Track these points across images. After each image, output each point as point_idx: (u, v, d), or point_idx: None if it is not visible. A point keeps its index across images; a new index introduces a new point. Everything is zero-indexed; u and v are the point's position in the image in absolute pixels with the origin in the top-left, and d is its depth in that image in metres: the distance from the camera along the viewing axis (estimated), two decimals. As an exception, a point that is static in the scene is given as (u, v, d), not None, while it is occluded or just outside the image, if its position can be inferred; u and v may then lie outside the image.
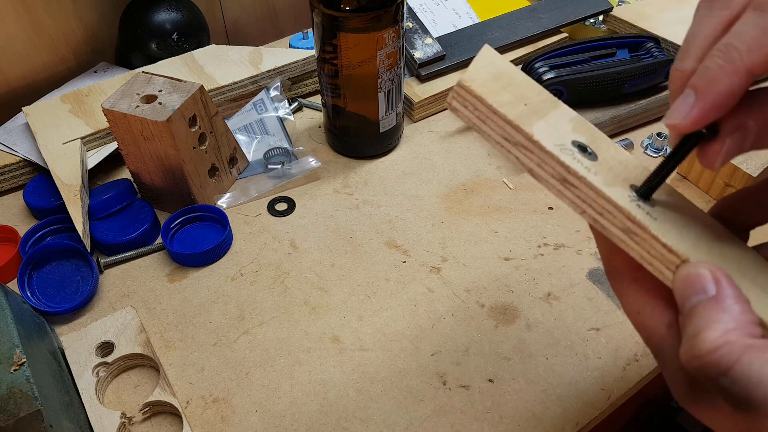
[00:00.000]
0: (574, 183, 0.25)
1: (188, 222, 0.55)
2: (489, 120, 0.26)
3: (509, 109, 0.26)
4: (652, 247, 0.25)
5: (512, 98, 0.27)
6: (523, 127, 0.25)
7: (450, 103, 0.26)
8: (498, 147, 0.26)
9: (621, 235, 0.25)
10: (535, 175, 0.26)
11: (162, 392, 0.42)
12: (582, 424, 0.41)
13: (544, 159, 0.25)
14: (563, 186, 0.26)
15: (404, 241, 0.53)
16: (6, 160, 0.58)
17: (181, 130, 0.50)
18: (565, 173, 0.25)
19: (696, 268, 0.23)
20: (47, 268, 0.50)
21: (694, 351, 0.21)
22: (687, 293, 0.23)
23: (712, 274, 0.23)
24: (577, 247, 0.53)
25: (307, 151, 0.62)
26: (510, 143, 0.26)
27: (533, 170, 0.26)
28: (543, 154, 0.25)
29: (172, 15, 0.68)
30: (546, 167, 0.26)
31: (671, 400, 0.81)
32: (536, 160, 0.26)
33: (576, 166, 0.25)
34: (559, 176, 0.25)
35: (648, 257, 0.25)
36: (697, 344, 0.21)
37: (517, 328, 0.46)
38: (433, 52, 0.67)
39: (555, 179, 0.26)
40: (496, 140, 0.26)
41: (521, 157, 0.26)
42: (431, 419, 0.41)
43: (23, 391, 0.34)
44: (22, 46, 0.66)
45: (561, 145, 0.26)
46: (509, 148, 0.26)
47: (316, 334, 0.47)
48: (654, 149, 0.61)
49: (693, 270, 0.23)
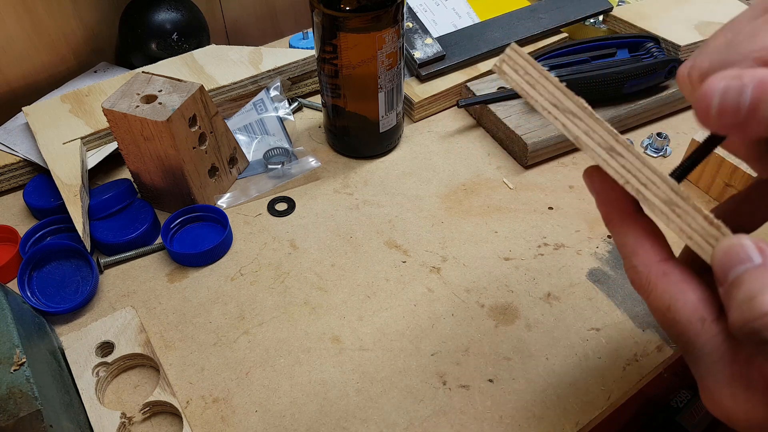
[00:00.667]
0: (621, 152, 0.26)
1: (188, 222, 0.55)
2: (539, 85, 0.26)
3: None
4: (694, 219, 0.25)
5: None
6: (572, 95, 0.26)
7: (499, 67, 0.26)
8: (545, 113, 0.26)
9: (663, 207, 0.25)
10: (581, 144, 0.26)
11: (162, 392, 0.42)
12: (582, 424, 0.41)
13: (593, 127, 0.26)
14: (610, 155, 0.26)
15: (404, 241, 0.53)
16: (6, 160, 0.58)
17: (181, 130, 0.50)
18: (614, 142, 0.26)
19: (739, 238, 0.23)
20: (47, 268, 0.50)
21: (750, 314, 0.21)
22: (731, 263, 0.23)
23: (756, 244, 0.23)
24: (577, 247, 0.53)
25: (307, 151, 0.62)
26: (559, 110, 0.26)
27: (580, 138, 0.26)
28: (593, 122, 0.26)
29: (172, 15, 0.68)
30: (594, 135, 0.26)
31: (671, 400, 0.81)
32: (584, 127, 0.26)
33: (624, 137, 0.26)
34: (606, 145, 0.26)
35: (689, 230, 0.25)
36: (754, 307, 0.21)
37: (517, 328, 0.46)
38: (433, 52, 0.67)
39: (602, 147, 0.26)
40: (544, 106, 0.26)
41: (569, 125, 0.26)
42: (431, 419, 0.41)
43: (23, 391, 0.34)
44: (22, 46, 0.66)
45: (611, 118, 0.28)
46: (557, 115, 0.26)
47: (316, 334, 0.47)
48: (654, 149, 0.61)
49: (736, 240, 0.23)
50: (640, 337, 0.46)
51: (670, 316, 0.25)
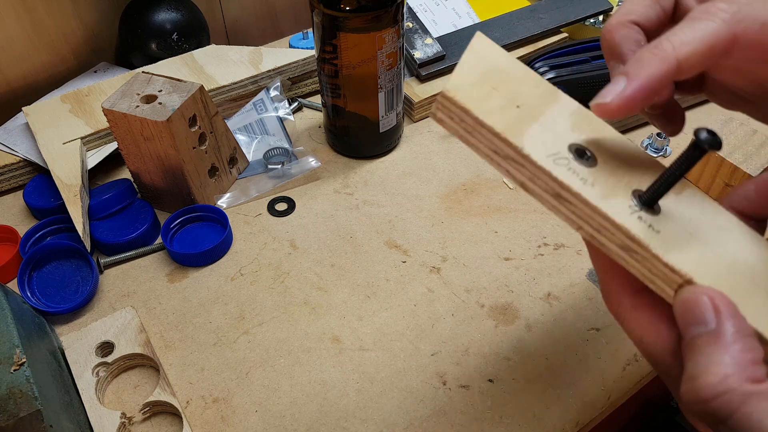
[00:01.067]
0: (568, 198, 0.23)
1: (188, 222, 0.55)
2: (476, 132, 0.24)
3: (498, 118, 0.24)
4: (654, 265, 0.23)
5: (503, 101, 0.25)
6: (512, 139, 0.23)
7: (435, 114, 0.24)
8: (488, 160, 0.24)
9: (620, 252, 0.23)
10: (527, 190, 0.24)
11: (162, 392, 0.42)
12: (582, 424, 0.41)
13: (535, 173, 0.24)
14: (557, 201, 0.24)
15: (404, 241, 0.53)
16: (6, 160, 0.58)
17: (181, 130, 0.50)
18: (559, 189, 0.23)
19: (696, 294, 0.22)
20: (47, 268, 0.50)
21: (694, 395, 0.21)
22: (687, 321, 0.22)
23: (712, 303, 0.22)
24: (577, 247, 0.53)
25: (307, 151, 0.62)
26: (500, 156, 0.24)
27: (525, 184, 0.24)
28: (534, 169, 0.23)
29: (172, 15, 0.68)
30: (538, 182, 0.24)
31: (671, 400, 0.81)
32: (528, 174, 0.24)
33: (570, 180, 0.23)
34: (552, 191, 0.24)
35: (649, 275, 0.23)
36: (696, 389, 0.21)
37: (517, 328, 0.46)
38: (433, 52, 0.67)
39: (548, 194, 0.24)
40: (485, 153, 0.24)
41: (512, 171, 0.24)
42: (431, 419, 0.41)
43: (23, 391, 0.34)
44: (22, 46, 0.66)
45: (555, 154, 0.24)
46: (499, 162, 0.24)
47: (316, 334, 0.47)
48: (654, 149, 0.61)
49: (693, 296, 0.22)
50: (640, 337, 0.46)
51: (643, 348, 0.25)
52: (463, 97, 0.23)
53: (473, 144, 0.24)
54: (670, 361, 0.24)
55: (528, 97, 0.26)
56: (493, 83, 0.25)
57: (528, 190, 0.24)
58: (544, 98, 0.26)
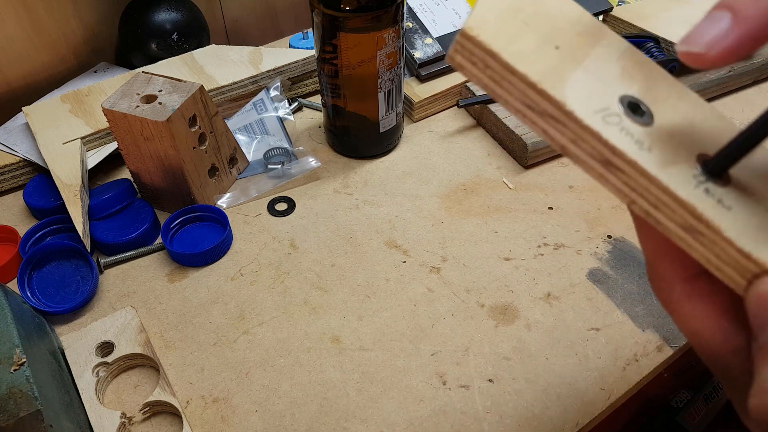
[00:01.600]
0: (620, 167, 0.19)
1: (188, 222, 0.55)
2: (505, 82, 0.19)
3: (533, 62, 0.19)
4: (723, 250, 0.19)
5: (538, 41, 0.20)
6: (552, 91, 0.19)
7: (452, 58, 0.20)
8: (519, 116, 0.20)
9: (681, 233, 0.19)
10: (568, 154, 0.20)
11: (162, 392, 0.42)
12: (582, 424, 0.41)
13: (580, 135, 0.19)
14: (606, 169, 0.19)
15: (404, 241, 0.53)
16: (6, 160, 0.58)
17: (181, 130, 0.50)
18: (609, 155, 0.19)
19: None
20: (47, 268, 0.50)
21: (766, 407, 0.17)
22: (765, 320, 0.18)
23: None
24: (577, 247, 0.53)
25: (307, 151, 0.62)
26: (534, 112, 0.19)
27: (566, 148, 0.20)
28: (579, 129, 0.19)
29: (172, 15, 0.68)
30: (584, 145, 0.19)
31: (671, 400, 0.81)
32: (570, 135, 0.19)
33: (624, 144, 0.19)
34: (600, 157, 0.19)
35: (716, 262, 0.19)
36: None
37: (517, 328, 0.46)
38: (433, 52, 0.67)
39: (596, 160, 0.19)
40: (516, 108, 0.20)
41: (550, 131, 0.20)
42: (431, 419, 0.41)
43: (23, 391, 0.34)
44: (22, 46, 0.66)
45: (604, 109, 0.19)
46: (534, 119, 0.20)
47: (316, 334, 0.47)
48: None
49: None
50: (640, 337, 0.46)
51: (698, 342, 0.21)
52: (488, 36, 0.19)
53: (501, 96, 0.20)
54: (732, 360, 0.20)
55: (568, 35, 0.21)
56: (525, 17, 0.20)
57: (569, 155, 0.20)
58: (587, 36, 0.21)
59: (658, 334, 0.46)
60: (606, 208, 0.56)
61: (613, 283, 0.49)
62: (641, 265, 0.51)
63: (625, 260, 0.51)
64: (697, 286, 0.21)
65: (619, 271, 0.50)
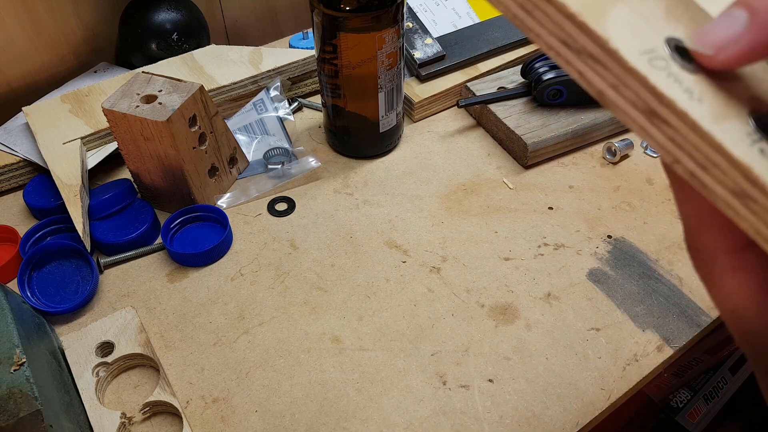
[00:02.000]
0: (667, 119, 0.16)
1: (188, 222, 0.55)
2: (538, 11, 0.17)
3: None
4: None
5: None
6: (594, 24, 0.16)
7: None
8: (552, 54, 0.17)
9: (730, 198, 0.17)
10: (605, 101, 0.17)
11: (162, 392, 0.42)
12: (582, 424, 0.41)
13: (623, 79, 0.16)
14: (650, 121, 0.17)
15: (404, 241, 0.53)
16: (6, 160, 0.58)
17: (181, 130, 0.50)
18: (656, 104, 0.16)
19: None
20: (47, 268, 0.50)
21: None
22: None
23: None
24: (577, 247, 0.53)
25: (307, 151, 0.62)
26: (571, 50, 0.17)
27: (605, 94, 0.17)
28: (622, 72, 0.16)
29: (172, 15, 0.68)
30: (626, 92, 0.17)
31: (671, 400, 0.81)
32: (611, 79, 0.17)
33: (673, 92, 0.16)
34: (645, 107, 0.16)
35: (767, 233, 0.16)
36: None
37: (517, 328, 0.46)
38: (433, 52, 0.67)
39: (638, 110, 0.17)
40: (550, 44, 0.17)
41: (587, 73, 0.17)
42: (431, 419, 0.41)
43: (23, 391, 0.34)
44: (22, 46, 0.66)
45: (650, 51, 0.16)
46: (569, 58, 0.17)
47: (316, 334, 0.47)
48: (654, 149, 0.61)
49: None
50: (640, 337, 0.46)
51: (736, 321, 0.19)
52: None
53: (532, 30, 0.17)
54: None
55: None
56: None
57: (607, 103, 0.17)
58: None
59: (658, 334, 0.46)
60: (606, 208, 0.56)
61: (613, 283, 0.49)
62: (641, 265, 0.51)
63: (625, 260, 0.51)
64: (743, 260, 0.19)
65: (619, 271, 0.50)
